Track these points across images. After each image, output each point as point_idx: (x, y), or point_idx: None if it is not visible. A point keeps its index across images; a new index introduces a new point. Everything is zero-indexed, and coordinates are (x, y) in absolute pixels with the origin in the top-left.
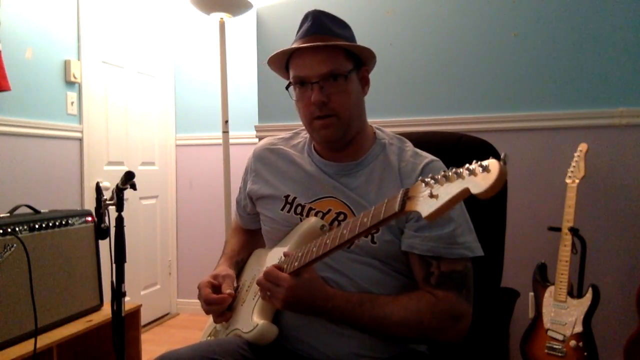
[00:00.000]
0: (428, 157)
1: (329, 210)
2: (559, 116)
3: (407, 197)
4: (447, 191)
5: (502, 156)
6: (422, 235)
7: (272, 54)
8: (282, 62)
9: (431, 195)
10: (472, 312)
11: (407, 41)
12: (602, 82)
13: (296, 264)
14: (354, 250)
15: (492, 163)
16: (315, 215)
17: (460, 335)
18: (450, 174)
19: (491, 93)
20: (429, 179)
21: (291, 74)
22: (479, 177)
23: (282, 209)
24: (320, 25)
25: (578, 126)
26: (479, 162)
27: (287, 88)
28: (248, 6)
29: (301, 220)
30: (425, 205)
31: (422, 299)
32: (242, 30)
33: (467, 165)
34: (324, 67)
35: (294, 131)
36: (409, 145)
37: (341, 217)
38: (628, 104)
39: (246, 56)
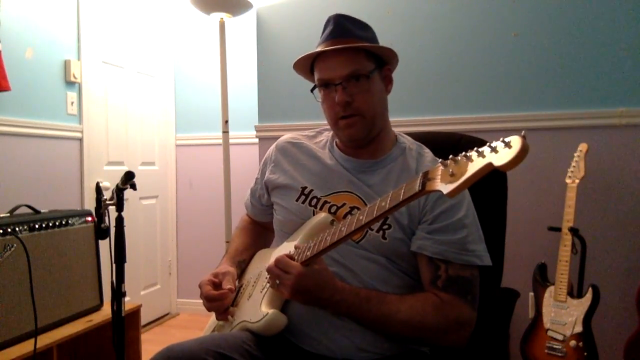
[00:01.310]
0: None
1: (343, 204)
2: (559, 116)
3: (427, 179)
4: (469, 167)
5: (522, 133)
6: (434, 238)
7: (297, 59)
8: (307, 65)
9: (452, 174)
10: (475, 319)
11: (407, 41)
12: (602, 82)
13: (308, 253)
14: (363, 245)
15: (513, 138)
16: (330, 208)
17: (462, 341)
18: (470, 153)
19: (491, 93)
20: (448, 161)
21: (316, 76)
22: (502, 152)
23: (297, 200)
24: (341, 28)
25: (578, 126)
26: (501, 139)
27: (312, 91)
28: (248, 6)
29: (314, 214)
30: (445, 183)
31: (428, 300)
32: (242, 30)
33: (488, 143)
34: (345, 69)
35: (317, 130)
36: (428, 151)
37: (354, 211)
38: (628, 104)
39: (246, 56)
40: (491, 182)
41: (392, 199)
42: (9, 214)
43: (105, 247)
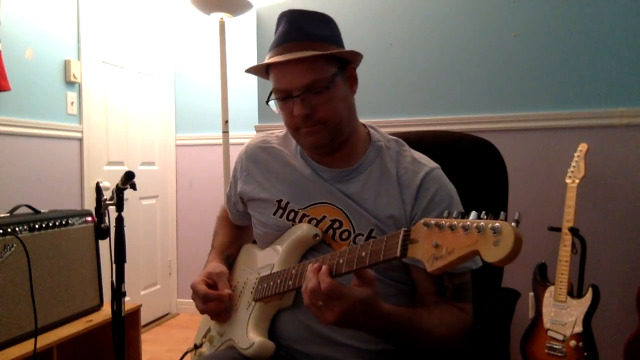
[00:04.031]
0: (427, 164)
1: (324, 217)
2: (559, 116)
3: (408, 240)
4: (454, 246)
5: (515, 217)
6: None
7: (248, 68)
8: (261, 71)
9: (436, 246)
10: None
11: (407, 41)
12: (602, 82)
13: (290, 282)
14: None
15: (505, 228)
16: (309, 222)
17: (465, 344)
18: (456, 223)
19: (491, 93)
20: (432, 222)
21: (272, 84)
22: (490, 240)
23: (275, 214)
24: (296, 30)
25: (578, 126)
26: (490, 223)
27: (267, 102)
28: (248, 6)
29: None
30: (429, 256)
31: (452, 312)
32: (242, 30)
33: (475, 220)
34: (304, 78)
35: None
36: (407, 149)
37: (336, 224)
38: (628, 104)
39: (246, 56)
40: (491, 182)
41: (372, 254)
42: (9, 214)
43: (105, 247)
